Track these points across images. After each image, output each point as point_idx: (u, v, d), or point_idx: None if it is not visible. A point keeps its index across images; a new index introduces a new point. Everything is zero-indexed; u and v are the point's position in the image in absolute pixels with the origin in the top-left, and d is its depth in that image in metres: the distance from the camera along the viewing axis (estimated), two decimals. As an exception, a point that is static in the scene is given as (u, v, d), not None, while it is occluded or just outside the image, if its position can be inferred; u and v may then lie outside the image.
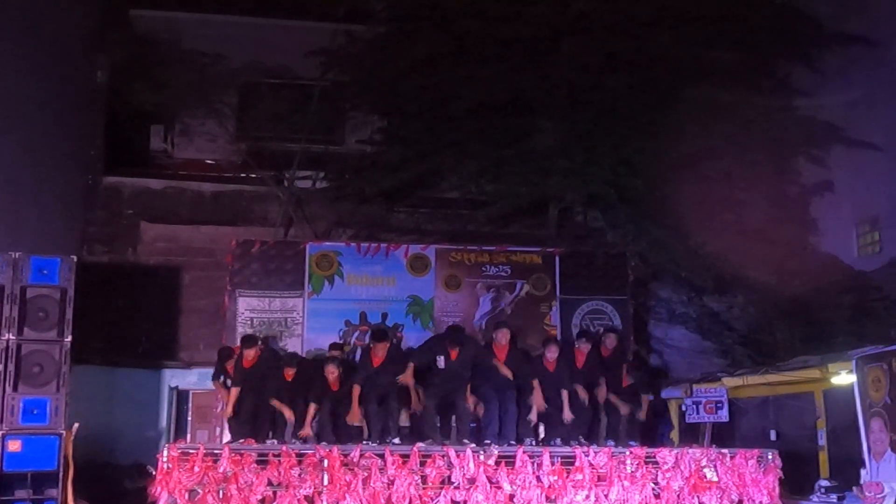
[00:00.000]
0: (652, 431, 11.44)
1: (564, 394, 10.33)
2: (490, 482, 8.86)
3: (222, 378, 10.70)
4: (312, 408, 10.00)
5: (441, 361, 10.25)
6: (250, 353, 10.27)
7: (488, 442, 9.65)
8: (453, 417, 10.39)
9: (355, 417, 9.91)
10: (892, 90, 12.89)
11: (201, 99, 14.58)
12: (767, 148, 13.84)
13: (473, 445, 9.27)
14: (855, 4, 13.45)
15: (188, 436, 12.68)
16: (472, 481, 8.82)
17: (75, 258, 9.04)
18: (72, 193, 13.50)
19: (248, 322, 11.64)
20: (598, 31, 13.19)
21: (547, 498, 8.94)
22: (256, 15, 14.92)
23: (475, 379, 10.30)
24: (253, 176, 14.47)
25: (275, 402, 10.04)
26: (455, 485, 8.79)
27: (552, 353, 10.50)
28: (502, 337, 10.45)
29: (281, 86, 15.01)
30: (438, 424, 10.29)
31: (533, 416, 10.30)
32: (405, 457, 8.79)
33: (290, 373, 10.32)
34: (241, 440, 9.82)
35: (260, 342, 10.64)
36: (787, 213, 14.49)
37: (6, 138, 10.78)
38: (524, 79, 13.22)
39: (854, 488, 9.15)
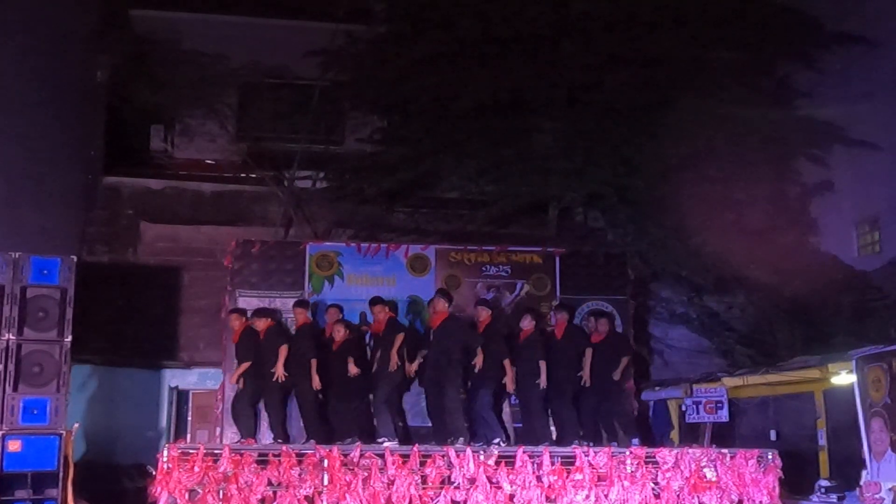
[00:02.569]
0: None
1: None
2: (490, 482, 8.86)
3: None
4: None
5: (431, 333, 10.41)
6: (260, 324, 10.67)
7: (451, 440, 9.71)
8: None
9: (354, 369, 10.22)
10: (892, 90, 12.89)
11: (201, 99, 14.58)
12: (767, 148, 13.84)
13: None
14: (855, 4, 13.45)
15: (188, 436, 12.68)
16: (472, 481, 8.82)
17: (75, 258, 9.06)
18: (72, 193, 13.50)
19: (249, 322, 11.62)
20: (598, 31, 13.18)
21: (547, 498, 8.94)
22: (256, 15, 14.90)
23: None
24: (253, 176, 14.47)
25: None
26: (455, 485, 8.79)
27: (527, 323, 10.76)
28: (481, 312, 10.69)
29: (281, 86, 15.01)
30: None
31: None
32: (405, 457, 8.79)
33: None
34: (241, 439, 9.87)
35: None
36: (787, 213, 14.50)
37: (6, 138, 10.79)
38: (524, 79, 13.22)
39: (857, 489, 9.14)
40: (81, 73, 13.68)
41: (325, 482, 8.59)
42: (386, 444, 9.31)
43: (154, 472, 8.47)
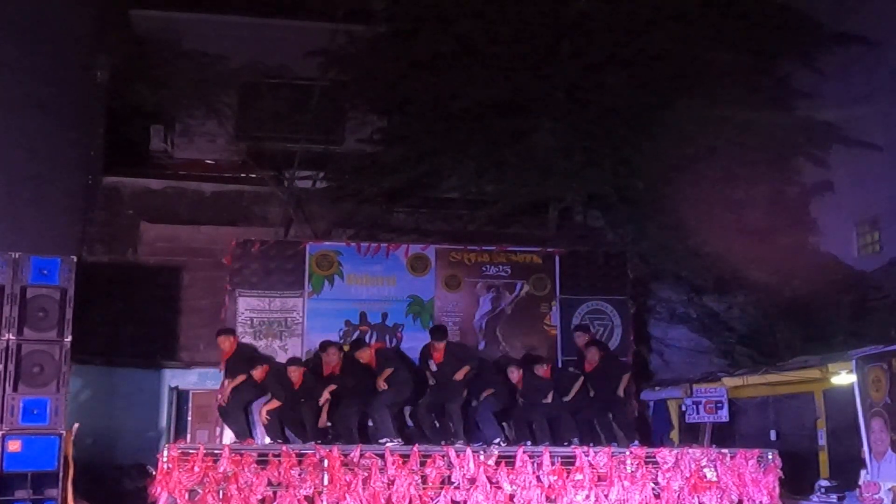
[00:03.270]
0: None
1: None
2: (490, 482, 8.87)
3: None
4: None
5: (432, 365, 10.48)
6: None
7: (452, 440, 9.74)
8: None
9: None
10: (892, 90, 12.90)
11: (201, 99, 14.57)
12: (767, 148, 13.84)
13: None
14: (855, 4, 13.45)
15: (188, 436, 12.67)
16: (472, 481, 8.83)
17: (75, 258, 9.06)
18: (72, 193, 13.50)
19: (248, 322, 11.61)
20: (598, 31, 13.18)
21: (547, 498, 8.95)
22: (256, 15, 14.91)
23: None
24: (253, 176, 14.48)
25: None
26: (455, 485, 8.80)
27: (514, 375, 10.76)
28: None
29: (281, 86, 15.00)
30: (437, 424, 10.40)
31: None
32: (405, 457, 8.79)
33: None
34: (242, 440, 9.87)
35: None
36: (788, 213, 14.49)
37: (6, 138, 10.80)
38: (524, 79, 13.22)
39: (857, 489, 9.15)
40: (81, 73, 13.67)
41: (325, 482, 8.59)
42: (387, 444, 9.31)
43: (154, 472, 8.47)
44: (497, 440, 9.87)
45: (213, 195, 14.42)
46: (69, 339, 8.72)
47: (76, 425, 8.77)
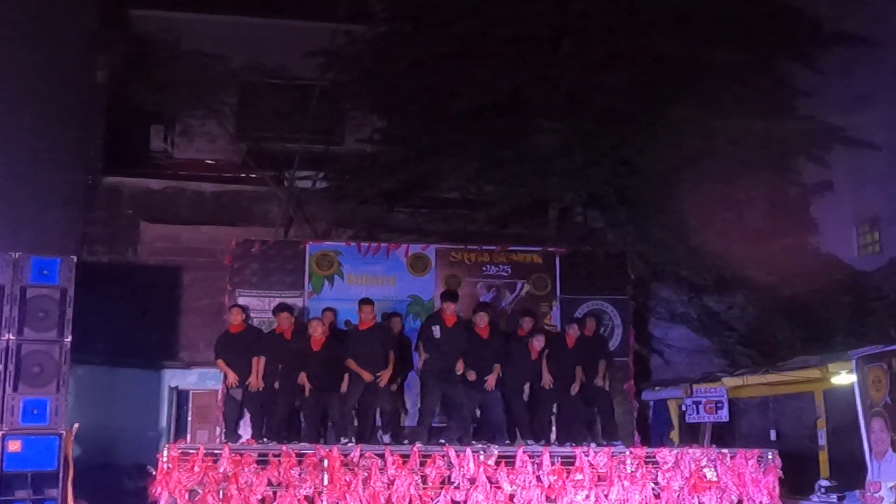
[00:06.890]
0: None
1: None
2: (490, 482, 8.85)
3: None
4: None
5: (437, 331, 10.11)
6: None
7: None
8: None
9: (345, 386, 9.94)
10: (892, 90, 12.90)
11: (201, 99, 14.59)
12: (767, 148, 13.84)
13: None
14: (855, 4, 13.45)
15: (188, 436, 12.69)
16: (472, 481, 8.82)
17: (75, 258, 9.04)
18: (72, 193, 13.51)
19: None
20: (598, 31, 13.19)
21: (547, 498, 8.93)
22: (256, 15, 14.94)
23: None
24: (253, 176, 14.49)
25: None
26: (455, 485, 8.79)
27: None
28: (480, 320, 10.35)
29: (281, 86, 15.02)
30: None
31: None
32: (405, 457, 8.79)
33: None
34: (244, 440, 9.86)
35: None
36: (788, 213, 14.50)
37: (7, 138, 10.80)
38: (524, 79, 13.22)
39: (858, 491, 9.14)
40: (81, 73, 13.69)
41: (325, 482, 8.59)
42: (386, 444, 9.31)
43: (154, 472, 8.46)
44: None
45: (213, 195, 14.44)
46: (69, 339, 8.71)
47: (76, 425, 8.76)
